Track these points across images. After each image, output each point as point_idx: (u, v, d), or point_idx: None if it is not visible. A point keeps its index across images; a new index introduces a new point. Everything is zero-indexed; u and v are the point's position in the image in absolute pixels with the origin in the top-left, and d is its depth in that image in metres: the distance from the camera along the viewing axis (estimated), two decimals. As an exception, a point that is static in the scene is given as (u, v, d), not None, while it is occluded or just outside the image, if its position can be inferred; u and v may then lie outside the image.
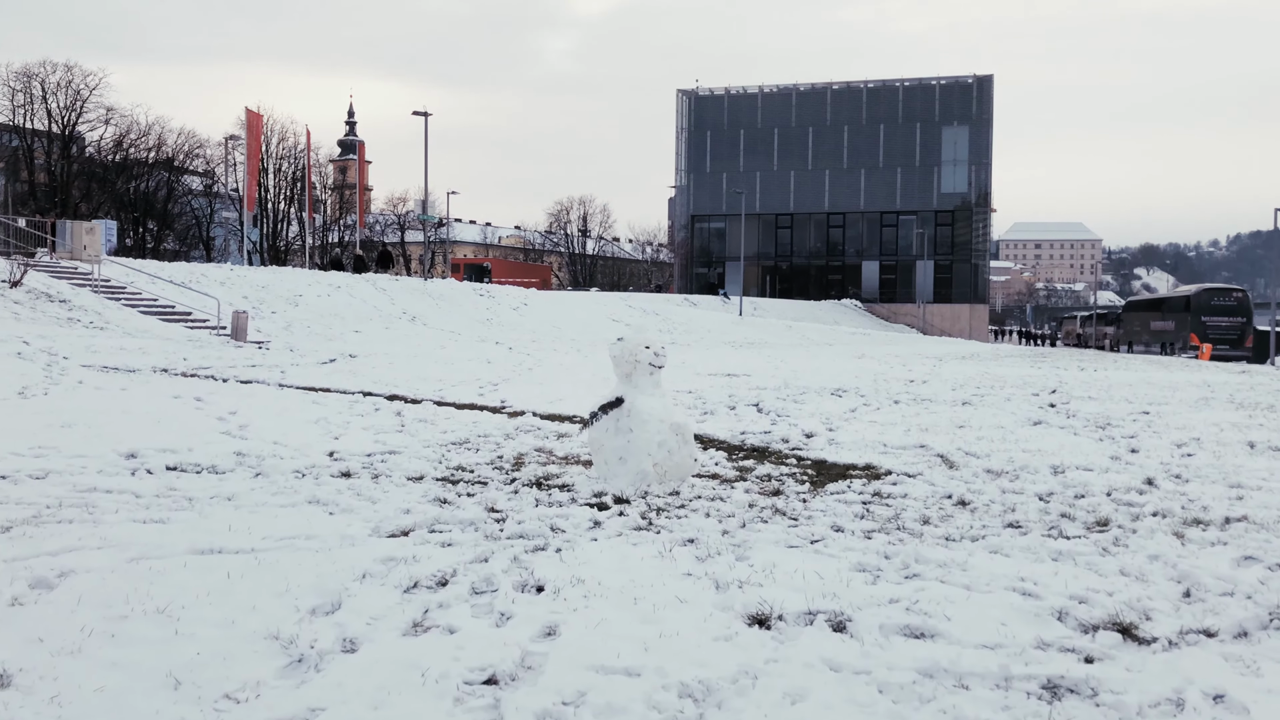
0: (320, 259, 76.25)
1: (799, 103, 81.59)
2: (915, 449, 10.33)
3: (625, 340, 8.01)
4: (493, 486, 7.83)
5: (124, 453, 8.92)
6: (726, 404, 14.30)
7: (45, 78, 67.02)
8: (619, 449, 7.83)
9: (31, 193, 67.07)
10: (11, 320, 24.28)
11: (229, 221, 79.72)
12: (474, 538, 5.99)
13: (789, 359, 28.46)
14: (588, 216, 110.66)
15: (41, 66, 67.13)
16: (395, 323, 36.22)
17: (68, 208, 62.62)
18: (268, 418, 11.85)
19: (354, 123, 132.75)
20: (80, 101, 68.89)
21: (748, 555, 5.66)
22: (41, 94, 67.30)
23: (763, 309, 61.52)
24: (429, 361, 23.21)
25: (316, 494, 7.18)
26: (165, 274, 33.75)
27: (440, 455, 9.43)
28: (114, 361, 18.61)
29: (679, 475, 8.01)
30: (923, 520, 6.82)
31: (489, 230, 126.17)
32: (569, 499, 7.39)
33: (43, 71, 67.09)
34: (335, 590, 4.78)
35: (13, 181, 70.44)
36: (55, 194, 66.11)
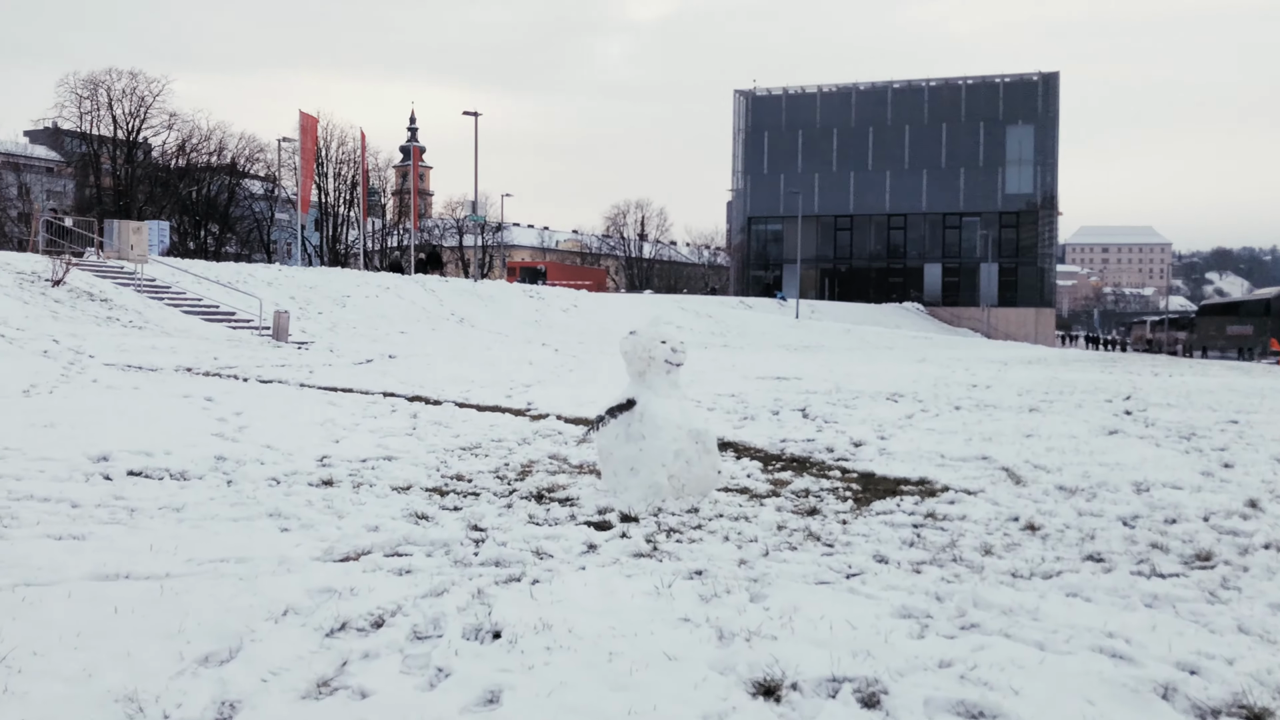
0: (380, 262, 76.32)
1: (859, 102, 79.88)
2: (977, 461, 9.17)
3: (638, 334, 6.99)
4: (485, 499, 6.85)
5: (94, 455, 8.11)
6: (770, 408, 13.20)
7: (111, 85, 67.94)
8: (629, 458, 6.80)
9: (98, 197, 67.87)
10: (49, 319, 23.89)
11: (289, 224, 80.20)
12: (438, 564, 5.01)
13: (844, 362, 27.19)
14: (645, 220, 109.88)
15: (107, 74, 68.08)
16: (443, 324, 35.57)
17: (132, 211, 63.20)
18: (271, 419, 11.02)
19: (415, 129, 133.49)
20: (144, 108, 69.71)
21: (765, 594, 4.59)
22: (108, 101, 68.22)
23: (820, 312, 60.05)
24: (468, 363, 22.39)
25: (280, 506, 6.26)
26: (212, 274, 33.41)
27: (440, 462, 8.49)
28: (140, 360, 18.03)
29: (699, 489, 6.96)
30: (984, 549, 5.69)
31: (546, 234, 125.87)
32: (568, 515, 6.38)
33: (109, 79, 68.01)
34: (239, 632, 3.83)
35: (82, 186, 71.44)
36: (120, 198, 66.82)
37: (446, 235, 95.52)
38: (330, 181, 79.02)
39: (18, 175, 72.65)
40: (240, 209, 76.86)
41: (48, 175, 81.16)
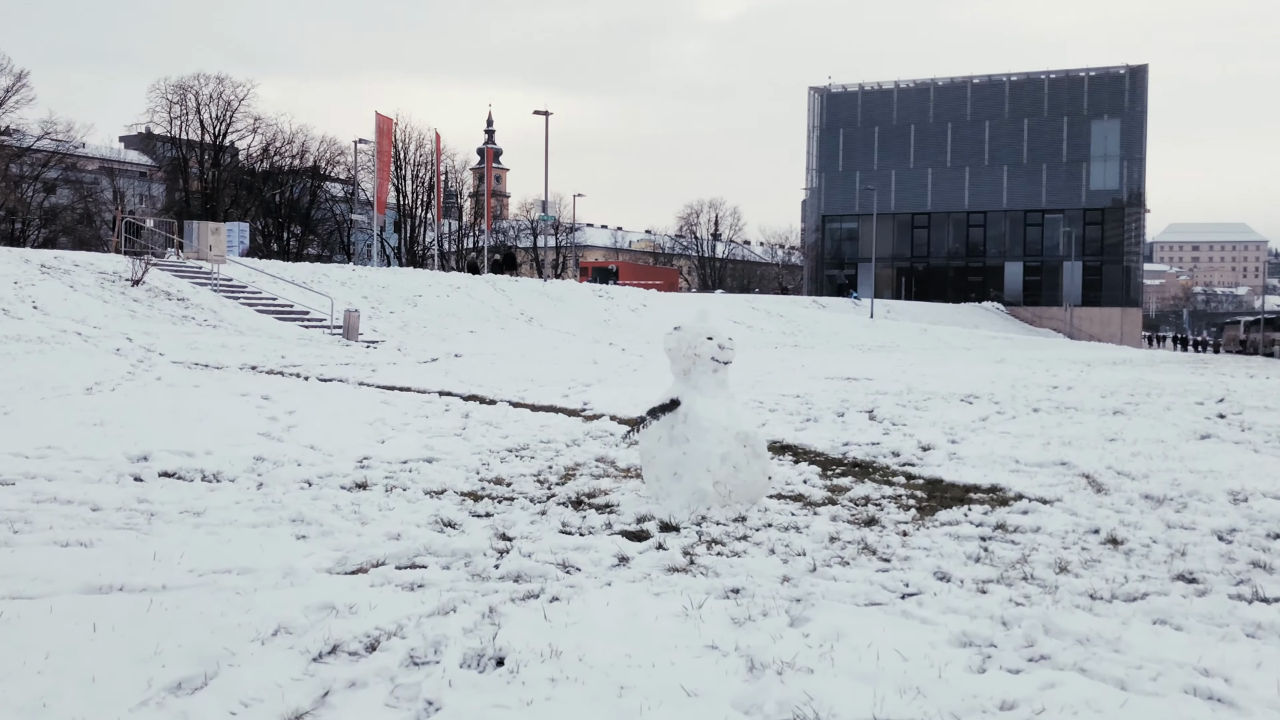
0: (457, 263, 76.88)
1: (937, 98, 78.22)
2: (1054, 466, 8.55)
3: (683, 329, 6.55)
4: (519, 505, 6.47)
5: (135, 455, 7.93)
6: (835, 410, 12.64)
7: (199, 90, 69.41)
8: (673, 462, 6.37)
9: (186, 200, 69.40)
10: (126, 317, 24.23)
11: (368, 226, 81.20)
12: (454, 578, 4.63)
13: (918, 363, 26.38)
14: (718, 220, 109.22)
15: (195, 79, 69.56)
16: (511, 323, 35.48)
17: (218, 214, 64.47)
18: (322, 419, 10.81)
19: (492, 131, 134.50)
20: (230, 112, 71.11)
21: (807, 617, 4.13)
22: (195, 106, 69.72)
23: (896, 312, 58.85)
24: (533, 362, 22.14)
25: (304, 511, 5.95)
26: (287, 274, 33.72)
27: (483, 464, 8.15)
28: (208, 359, 18.10)
29: (748, 496, 6.49)
30: (1059, 566, 5.15)
31: (619, 234, 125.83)
32: (604, 524, 5.97)
33: (196, 84, 69.49)
34: (219, 656, 3.49)
35: (172, 190, 73.19)
36: (207, 201, 68.26)
37: (521, 236, 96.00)
38: (408, 184, 79.79)
39: (111, 180, 74.63)
40: (321, 211, 78.04)
41: (140, 179, 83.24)
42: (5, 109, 59.01)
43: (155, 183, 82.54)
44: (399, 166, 78.33)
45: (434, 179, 79.33)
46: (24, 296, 23.41)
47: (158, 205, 76.58)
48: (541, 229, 65.10)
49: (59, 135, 64.23)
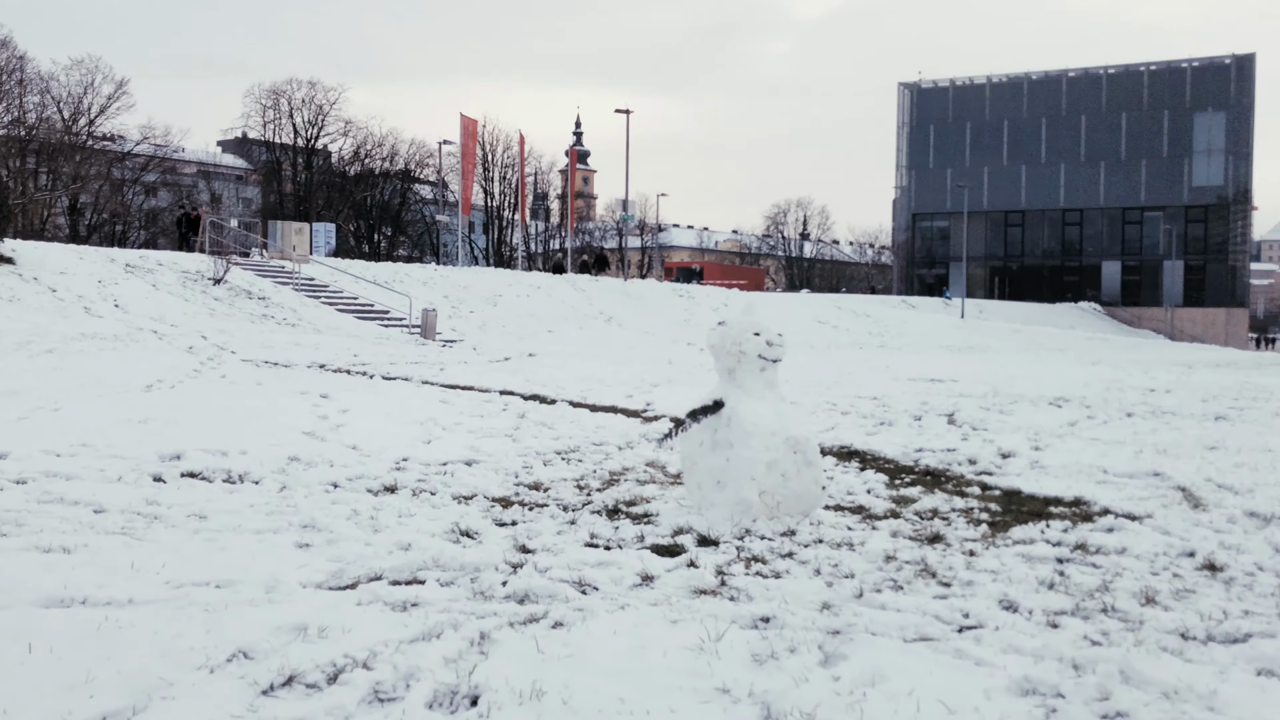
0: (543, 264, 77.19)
1: (1031, 92, 75.89)
2: (1146, 478, 7.78)
3: (727, 324, 6.01)
4: (550, 513, 6.00)
5: (167, 454, 7.68)
6: (912, 413, 11.93)
7: (291, 94, 70.77)
8: (715, 469, 5.83)
9: (279, 203, 70.86)
10: (205, 316, 24.51)
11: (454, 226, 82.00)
12: (452, 596, 4.18)
13: (1008, 364, 25.30)
14: (806, 219, 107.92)
15: (288, 84, 70.94)
16: (590, 323, 35.21)
17: (310, 216, 65.65)
18: (374, 418, 10.52)
19: (580, 133, 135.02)
20: (322, 116, 72.36)
21: (843, 654, 3.56)
22: (288, 110, 71.13)
23: (988, 312, 57.15)
24: (606, 361, 21.73)
25: (317, 517, 5.56)
26: (369, 274, 33.93)
27: (524, 467, 7.71)
28: (279, 357, 18.06)
29: (799, 507, 5.92)
30: (1145, 597, 4.48)
31: (705, 235, 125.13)
32: (636, 536, 5.46)
33: (289, 89, 70.87)
34: (155, 686, 3.08)
35: (267, 193, 74.92)
36: (300, 203, 69.59)
37: (607, 237, 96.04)
38: (496, 185, 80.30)
39: (208, 183, 76.55)
40: (411, 213, 78.99)
41: (237, 183, 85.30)
42: (107, 115, 60.78)
43: (250, 185, 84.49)
44: (486, 169, 78.90)
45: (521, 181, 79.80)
46: (106, 295, 23.80)
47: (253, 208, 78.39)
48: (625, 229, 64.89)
49: (157, 140, 65.97)
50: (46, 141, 54.82)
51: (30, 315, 20.28)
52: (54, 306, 21.64)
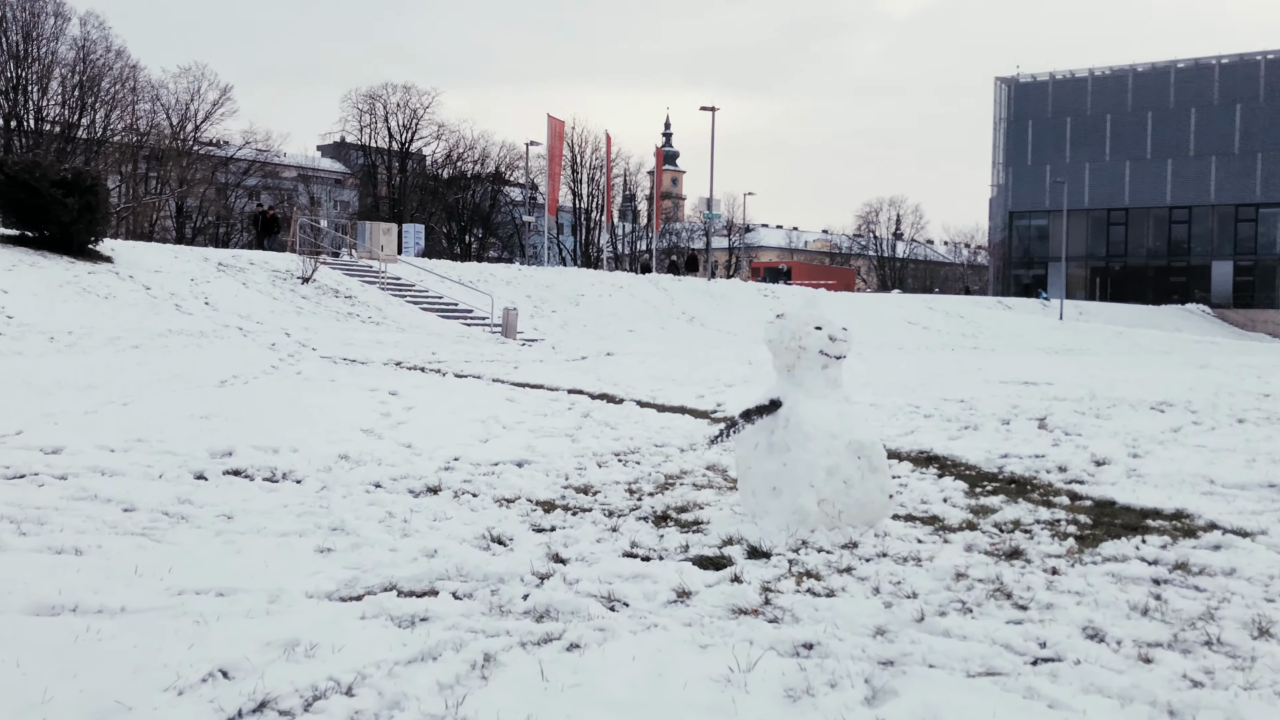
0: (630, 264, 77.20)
1: (1136, 85, 73.08)
2: (1260, 489, 7.08)
3: (786, 317, 5.54)
4: (593, 518, 5.61)
5: (218, 451, 7.52)
6: (1000, 416, 11.26)
7: (387, 99, 71.98)
8: (771, 475, 5.37)
9: (375, 205, 72.10)
10: (292, 314, 24.78)
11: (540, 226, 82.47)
12: (466, 610, 3.81)
13: (1108, 367, 24.16)
14: (900, 218, 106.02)
15: (384, 89, 72.16)
16: (672, 323, 34.85)
17: (404, 218, 66.62)
18: (437, 415, 10.30)
19: (669, 134, 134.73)
20: (416, 120, 73.43)
21: (892, 690, 3.10)
22: (384, 114, 72.34)
23: (1088, 313, 55.16)
24: (682, 361, 21.30)
25: (347, 520, 5.27)
26: (455, 274, 34.08)
27: (578, 469, 7.35)
28: (358, 354, 18.09)
29: (862, 518, 5.43)
30: (1258, 627, 3.90)
31: (794, 235, 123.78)
32: (680, 546, 5.03)
33: (384, 93, 72.09)
34: (111, 709, 2.77)
35: (364, 196, 76.38)
36: (395, 206, 70.71)
37: (694, 238, 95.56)
38: (584, 187, 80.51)
39: (307, 186, 78.26)
40: (502, 215, 79.68)
41: (335, 186, 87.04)
42: (211, 121, 62.48)
43: (348, 189, 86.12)
44: (574, 170, 79.17)
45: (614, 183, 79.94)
46: (197, 292, 24.20)
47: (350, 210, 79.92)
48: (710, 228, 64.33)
49: (259, 144, 67.56)
50: (156, 147, 56.54)
51: (123, 312, 20.66)
52: (146, 304, 22.04)
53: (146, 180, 57.93)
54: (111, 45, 53.88)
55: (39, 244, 23.61)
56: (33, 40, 50.75)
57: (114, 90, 54.43)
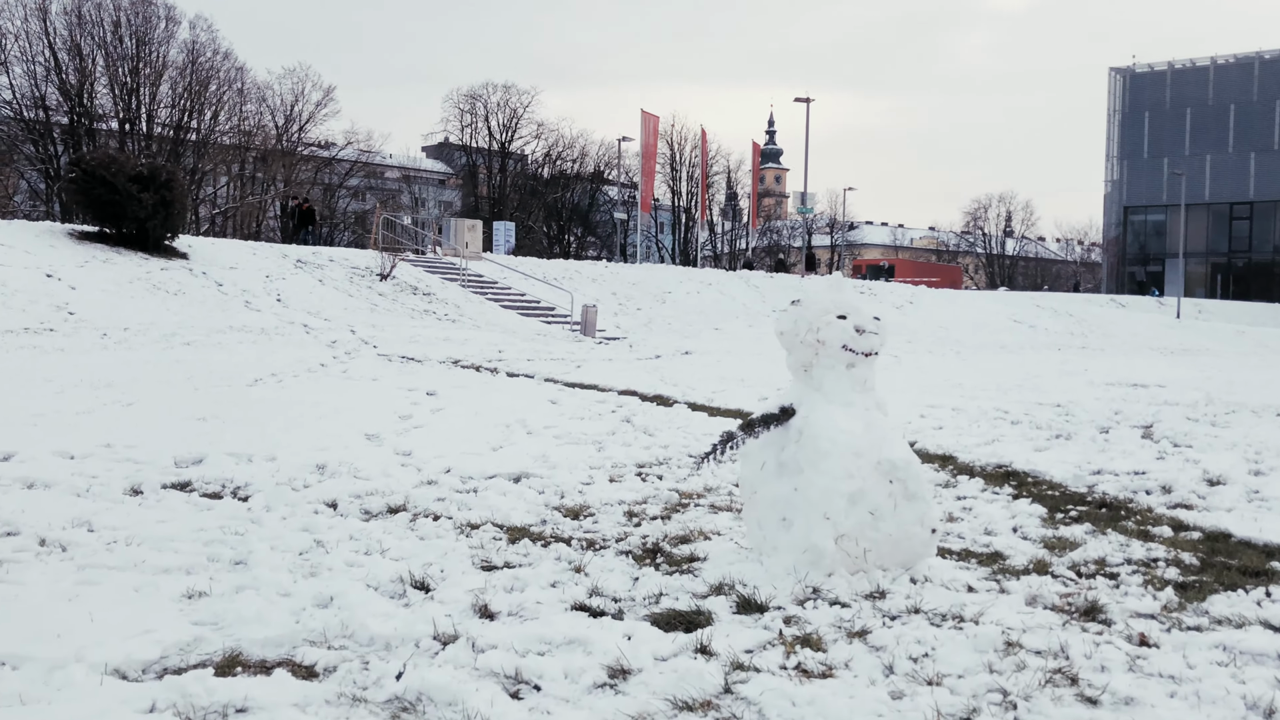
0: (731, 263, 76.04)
1: (1262, 73, 68.81)
2: None
3: (802, 303, 4.43)
4: (558, 553, 4.57)
5: (187, 459, 6.76)
6: (1099, 424, 9.87)
7: (487, 98, 72.19)
8: (780, 502, 4.26)
9: (476, 205, 72.40)
10: (365, 310, 24.35)
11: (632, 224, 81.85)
12: (304, 697, 2.81)
13: (1228, 369, 22.14)
14: (1010, 215, 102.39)
15: (484, 88, 72.44)
16: (761, 321, 33.56)
17: (504, 216, 66.65)
18: (460, 418, 9.46)
19: (773, 131, 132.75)
20: (516, 119, 73.48)
21: None
22: (484, 114, 72.57)
23: (1208, 312, 51.94)
24: (758, 360, 20.09)
25: (255, 552, 4.34)
26: (539, 271, 33.44)
27: (584, 484, 6.36)
28: (418, 352, 17.41)
29: (897, 558, 4.27)
30: None
31: (899, 232, 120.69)
32: (654, 594, 3.95)
33: (485, 93, 72.31)
34: None
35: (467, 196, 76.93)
36: (495, 205, 70.91)
37: (796, 236, 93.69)
38: (683, 184, 79.63)
39: (409, 186, 79.11)
40: (600, 214, 79.34)
41: (439, 186, 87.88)
42: (315, 121, 63.28)
43: (450, 189, 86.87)
44: (674, 168, 78.37)
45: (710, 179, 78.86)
46: (271, 289, 23.90)
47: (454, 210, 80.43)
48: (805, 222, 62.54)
49: (361, 144, 68.26)
50: (262, 148, 57.44)
51: (189, 309, 20.39)
52: (215, 300, 21.77)
53: (254, 180, 58.96)
54: (219, 48, 54.86)
55: (116, 240, 23.58)
56: (144, 44, 51.90)
57: (221, 92, 55.43)
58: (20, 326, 15.96)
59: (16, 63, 48.48)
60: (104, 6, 50.55)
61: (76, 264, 21.23)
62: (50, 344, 14.70)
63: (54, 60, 48.97)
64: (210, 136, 54.74)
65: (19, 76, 48.61)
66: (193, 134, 54.44)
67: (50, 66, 49.06)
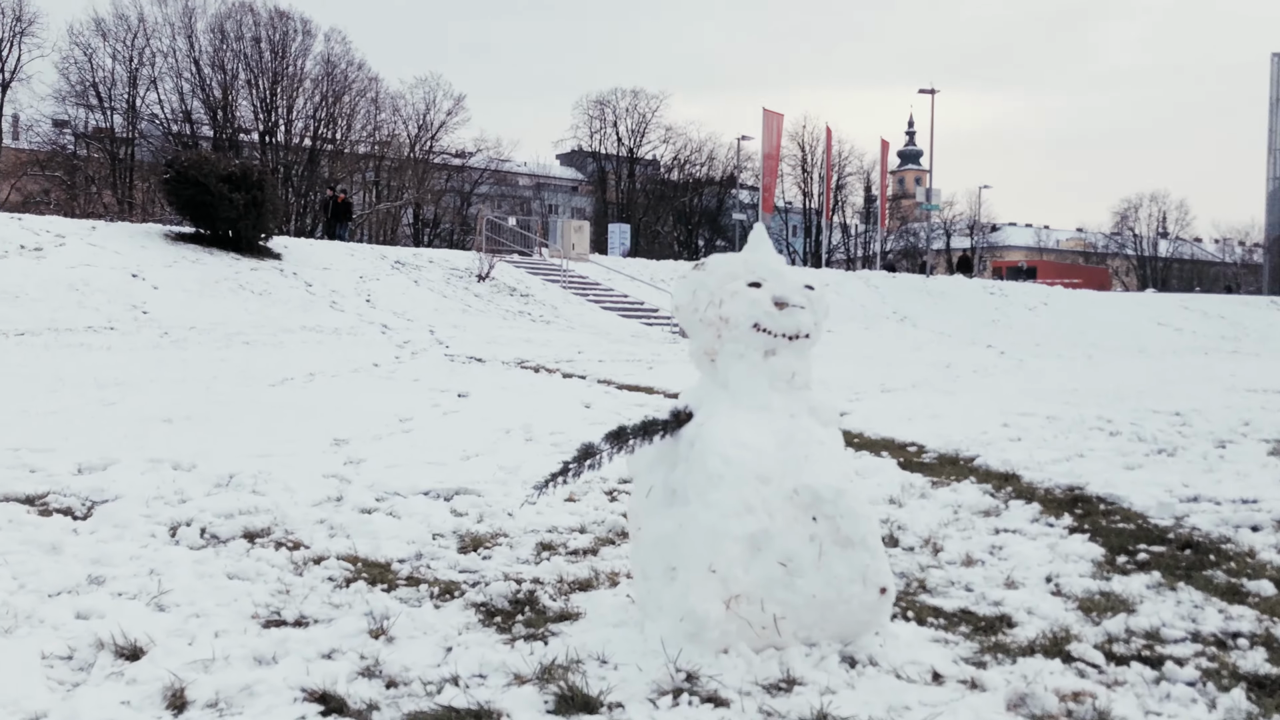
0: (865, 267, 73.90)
1: None
2: None
3: (705, 266, 3.17)
4: (369, 607, 3.40)
5: (91, 465, 5.87)
6: (1218, 436, 8.15)
7: (616, 104, 72.01)
8: (665, 541, 3.02)
9: (604, 210, 72.25)
10: (455, 311, 23.74)
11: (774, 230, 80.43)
12: None
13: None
14: (1165, 215, 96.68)
15: (613, 94, 72.33)
16: (879, 323, 31.76)
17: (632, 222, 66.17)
18: (462, 424, 8.50)
19: (912, 132, 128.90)
20: (644, 124, 73.05)
21: None
22: (613, 119, 72.40)
23: (1386, 315, 47.31)
24: (857, 363, 18.52)
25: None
26: (647, 273, 32.45)
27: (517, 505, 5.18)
28: (488, 353, 16.63)
29: (827, 629, 2.95)
30: None
31: (1044, 233, 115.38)
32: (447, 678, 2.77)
33: (614, 98, 72.16)
34: None
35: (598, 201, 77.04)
36: (623, 210, 70.63)
37: (935, 238, 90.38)
38: (814, 186, 77.81)
39: (538, 193, 79.70)
40: (726, 216, 78.23)
41: (570, 193, 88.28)
42: (446, 129, 63.92)
43: (581, 196, 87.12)
44: (805, 169, 76.75)
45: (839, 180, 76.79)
46: (361, 290, 23.49)
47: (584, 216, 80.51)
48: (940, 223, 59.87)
49: (490, 152, 68.73)
50: (396, 157, 58.31)
51: (270, 309, 20.04)
52: (301, 300, 21.40)
53: (388, 188, 59.86)
54: (353, 59, 55.87)
55: (210, 241, 23.55)
56: (282, 57, 53.25)
57: (355, 102, 56.45)
58: (84, 325, 15.73)
59: (165, 79, 50.33)
60: (245, 23, 52.09)
61: (164, 264, 21.16)
62: (101, 342, 14.37)
63: (199, 75, 50.65)
64: (344, 146, 55.73)
65: (167, 92, 50.46)
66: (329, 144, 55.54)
67: (195, 82, 50.77)
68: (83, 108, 49.09)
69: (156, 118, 51.03)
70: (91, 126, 49.57)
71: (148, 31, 49.05)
